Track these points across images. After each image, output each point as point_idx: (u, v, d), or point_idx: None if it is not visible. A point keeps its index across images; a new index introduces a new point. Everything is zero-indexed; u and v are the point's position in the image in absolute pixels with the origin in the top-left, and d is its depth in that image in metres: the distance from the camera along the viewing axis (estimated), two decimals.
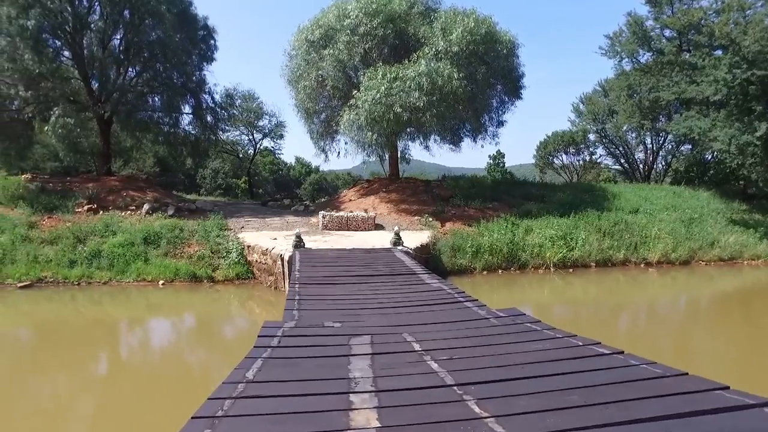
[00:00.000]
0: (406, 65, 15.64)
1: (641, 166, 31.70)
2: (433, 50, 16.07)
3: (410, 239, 12.55)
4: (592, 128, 32.97)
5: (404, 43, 17.53)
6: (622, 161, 32.74)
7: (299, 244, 10.82)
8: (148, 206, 14.93)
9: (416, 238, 13.14)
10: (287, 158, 46.82)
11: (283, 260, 10.45)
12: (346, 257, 9.80)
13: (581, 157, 35.05)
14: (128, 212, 14.72)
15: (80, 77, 17.48)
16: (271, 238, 12.66)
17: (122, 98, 17.13)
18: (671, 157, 30.97)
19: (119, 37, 18.05)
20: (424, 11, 18.03)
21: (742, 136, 16.38)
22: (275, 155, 40.81)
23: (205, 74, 20.01)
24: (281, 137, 33.31)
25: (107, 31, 17.44)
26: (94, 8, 17.16)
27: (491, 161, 38.08)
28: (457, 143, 20.06)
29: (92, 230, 13.01)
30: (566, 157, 35.29)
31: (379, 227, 14.85)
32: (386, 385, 3.05)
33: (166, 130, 19.38)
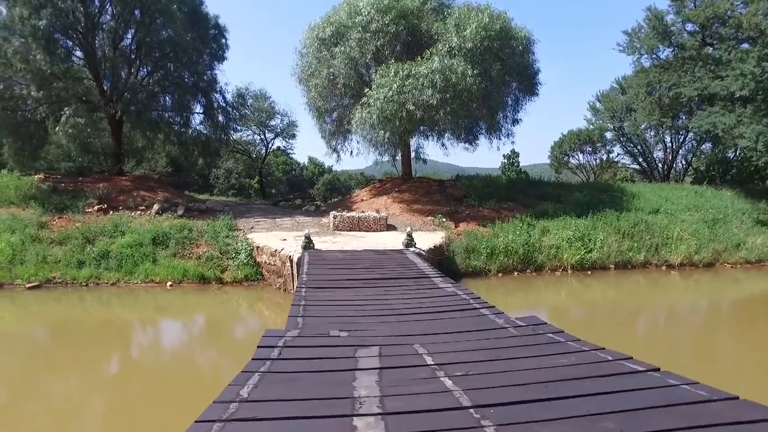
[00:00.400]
0: (418, 62, 15.28)
1: (660, 165, 30.92)
2: (446, 46, 15.70)
3: (423, 240, 12.21)
4: (609, 126, 32.28)
5: (417, 39, 17.17)
6: (640, 160, 31.98)
7: (308, 245, 10.55)
8: (157, 206, 14.81)
9: (429, 239, 12.80)
10: (300, 158, 46.76)
11: (292, 262, 10.19)
12: (356, 259, 9.49)
13: (598, 156, 34.37)
14: (138, 212, 14.60)
15: (92, 77, 17.44)
16: (280, 238, 12.42)
17: (133, 98, 17.05)
18: (691, 155, 30.12)
19: (130, 36, 17.99)
20: (437, 7, 17.65)
21: None
22: (288, 155, 40.73)
23: (216, 73, 19.93)
24: (293, 137, 33.23)
25: (118, 30, 17.35)
26: (105, 8, 17.11)
27: (505, 161, 37.53)
28: (471, 142, 19.59)
29: (101, 230, 12.88)
30: (582, 156, 34.71)
31: (391, 228, 14.54)
32: (394, 406, 2.74)
33: (176, 129, 19.29)
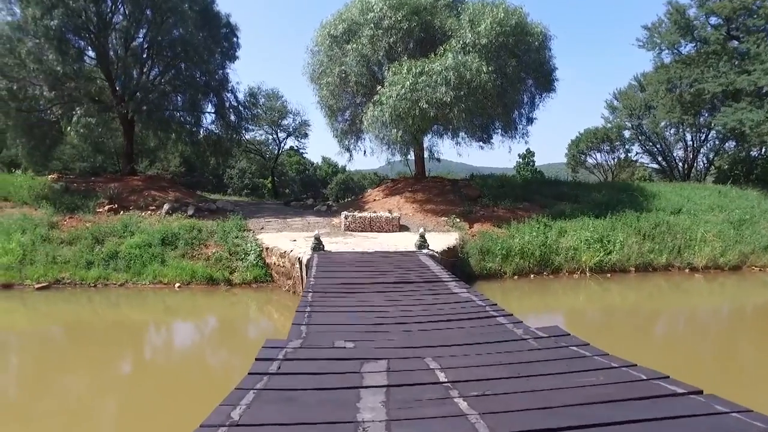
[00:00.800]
0: (432, 59, 14.91)
1: (680, 164, 30.10)
2: (460, 43, 15.29)
3: (436, 241, 11.87)
4: (627, 125, 31.53)
5: (430, 36, 16.79)
6: (659, 159, 31.20)
7: (318, 246, 10.28)
8: (168, 206, 14.69)
9: (443, 240, 12.44)
10: (313, 158, 46.63)
11: (301, 263, 9.93)
12: (366, 261, 9.20)
13: (615, 155, 33.57)
14: (148, 212, 14.49)
15: (104, 77, 17.41)
16: (290, 239, 12.17)
17: (145, 97, 16.97)
18: (714, 154, 29.23)
19: (142, 36, 17.90)
20: (450, 2, 17.24)
21: None
22: (301, 155, 40.64)
23: (227, 72, 19.85)
24: (305, 136, 33.06)
25: (130, 30, 17.28)
26: (117, 7, 17.06)
27: (521, 160, 36.92)
28: (486, 141, 19.12)
29: (111, 230, 12.77)
30: (600, 155, 33.92)
31: (403, 228, 14.21)
32: None
33: (188, 129, 19.20)
